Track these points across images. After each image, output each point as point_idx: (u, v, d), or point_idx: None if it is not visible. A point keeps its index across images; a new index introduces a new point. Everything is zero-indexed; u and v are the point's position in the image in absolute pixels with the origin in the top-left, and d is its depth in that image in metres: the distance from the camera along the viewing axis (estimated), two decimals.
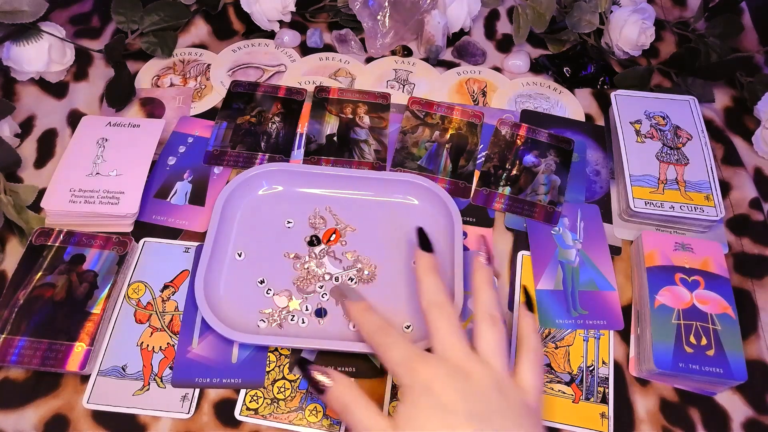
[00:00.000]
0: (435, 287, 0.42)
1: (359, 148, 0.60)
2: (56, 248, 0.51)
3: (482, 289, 0.42)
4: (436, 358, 0.38)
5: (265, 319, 0.48)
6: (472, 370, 0.37)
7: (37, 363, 0.45)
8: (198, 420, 0.45)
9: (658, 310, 0.48)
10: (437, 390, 0.35)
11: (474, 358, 0.38)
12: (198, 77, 0.66)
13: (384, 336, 0.40)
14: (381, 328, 0.41)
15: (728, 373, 0.45)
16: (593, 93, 0.67)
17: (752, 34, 0.71)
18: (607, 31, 0.68)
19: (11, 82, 0.64)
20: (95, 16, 0.71)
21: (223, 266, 0.51)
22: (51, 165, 0.58)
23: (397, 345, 0.39)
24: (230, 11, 0.72)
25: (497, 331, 0.39)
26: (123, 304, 0.50)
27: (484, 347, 0.39)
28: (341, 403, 0.38)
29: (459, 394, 0.35)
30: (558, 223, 0.55)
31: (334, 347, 0.46)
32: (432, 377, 0.36)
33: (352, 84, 0.66)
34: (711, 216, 0.53)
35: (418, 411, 0.35)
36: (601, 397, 0.47)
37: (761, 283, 0.53)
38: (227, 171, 0.58)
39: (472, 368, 0.37)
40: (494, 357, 0.38)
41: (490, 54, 0.70)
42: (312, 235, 0.53)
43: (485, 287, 0.42)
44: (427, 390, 0.36)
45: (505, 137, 0.61)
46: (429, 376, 0.36)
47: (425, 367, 0.37)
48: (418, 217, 0.54)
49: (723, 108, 0.67)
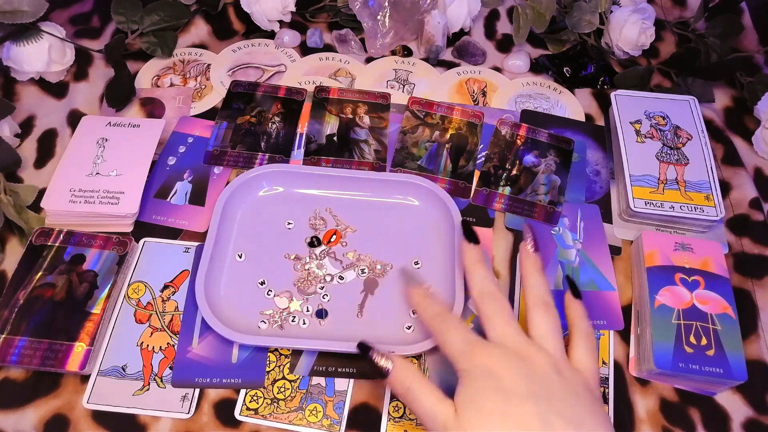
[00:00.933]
0: (485, 277, 0.42)
1: (359, 148, 0.60)
2: (56, 248, 0.51)
3: (532, 275, 0.42)
4: (493, 345, 0.38)
5: (266, 320, 0.48)
6: (530, 355, 0.37)
7: (37, 363, 0.45)
8: (198, 420, 0.45)
9: (658, 310, 0.48)
10: (497, 373, 0.36)
11: (530, 343, 0.38)
12: (198, 77, 0.66)
13: (442, 322, 0.40)
14: (440, 314, 0.41)
15: (728, 373, 0.45)
16: (593, 93, 0.67)
17: (752, 34, 0.71)
18: (607, 31, 0.68)
19: (11, 82, 0.64)
20: (95, 16, 0.71)
21: (223, 267, 0.51)
22: (51, 165, 0.58)
23: (456, 331, 0.39)
24: (230, 11, 0.72)
25: (550, 316, 0.40)
26: (123, 304, 0.50)
27: (538, 332, 0.39)
28: (404, 387, 0.38)
29: (518, 376, 0.35)
30: (558, 223, 0.55)
31: (335, 348, 0.46)
32: (491, 362, 0.36)
33: (352, 84, 0.66)
34: (711, 216, 0.53)
35: (479, 393, 0.35)
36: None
37: (761, 283, 0.53)
38: (227, 171, 0.58)
39: (530, 353, 0.37)
40: (549, 341, 0.38)
41: (490, 54, 0.70)
42: (312, 236, 0.53)
43: (535, 273, 0.42)
44: (488, 373, 0.36)
45: (505, 137, 0.61)
46: (488, 360, 0.36)
47: (484, 352, 0.37)
48: (419, 217, 0.54)
49: (723, 108, 0.67)
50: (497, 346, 0.38)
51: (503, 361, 0.36)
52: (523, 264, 0.43)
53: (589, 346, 0.40)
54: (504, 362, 0.36)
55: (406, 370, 0.38)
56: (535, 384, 0.35)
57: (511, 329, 0.39)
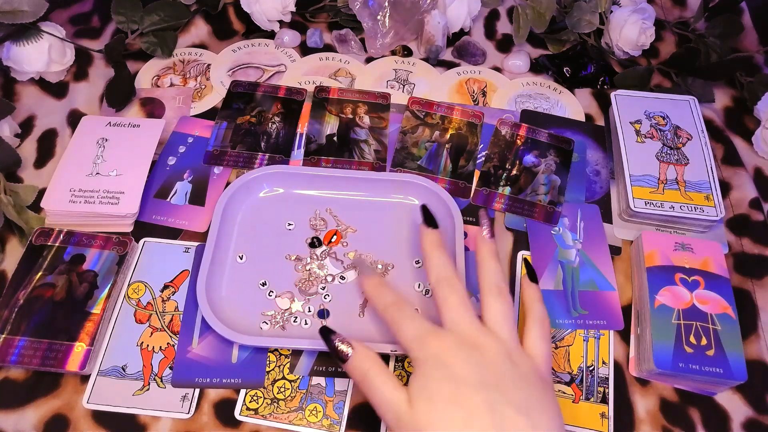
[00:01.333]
0: (443, 263, 0.42)
1: (359, 148, 0.60)
2: (56, 248, 0.51)
3: (487, 261, 0.42)
4: (446, 332, 0.38)
5: (268, 321, 0.48)
6: (482, 342, 0.37)
7: (37, 363, 0.45)
8: (198, 420, 0.45)
9: (658, 310, 0.48)
10: (448, 361, 0.36)
11: (483, 330, 0.38)
12: (198, 77, 0.66)
13: (397, 311, 0.40)
14: (394, 303, 0.41)
15: (728, 373, 0.45)
16: (593, 93, 0.67)
17: (752, 34, 0.71)
18: (607, 31, 0.68)
19: (11, 82, 0.64)
20: (95, 16, 0.71)
21: (224, 269, 0.51)
22: (51, 165, 0.58)
23: (410, 319, 0.39)
24: (230, 11, 0.72)
25: (504, 302, 0.40)
26: (123, 304, 0.50)
27: (492, 318, 0.39)
28: (361, 373, 0.38)
29: (470, 364, 0.36)
30: (558, 223, 0.55)
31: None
32: (443, 350, 0.37)
33: (352, 84, 0.66)
34: (711, 216, 0.53)
35: (431, 382, 0.36)
36: (601, 397, 0.47)
37: (761, 283, 0.53)
38: (227, 171, 0.58)
39: (482, 340, 0.37)
40: (503, 327, 0.39)
41: (490, 54, 0.70)
42: (313, 236, 0.53)
43: (490, 260, 0.42)
44: (439, 362, 0.36)
45: (505, 137, 0.61)
46: (440, 349, 0.37)
47: (436, 340, 0.37)
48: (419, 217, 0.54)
49: (723, 108, 0.67)
50: (450, 334, 0.38)
51: (455, 349, 0.37)
52: (478, 250, 0.43)
53: (542, 332, 0.40)
54: (456, 350, 0.37)
55: (366, 356, 0.39)
56: (485, 372, 0.36)
57: (465, 316, 0.39)
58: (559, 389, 0.47)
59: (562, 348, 0.49)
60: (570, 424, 0.46)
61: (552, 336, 0.50)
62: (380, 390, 0.37)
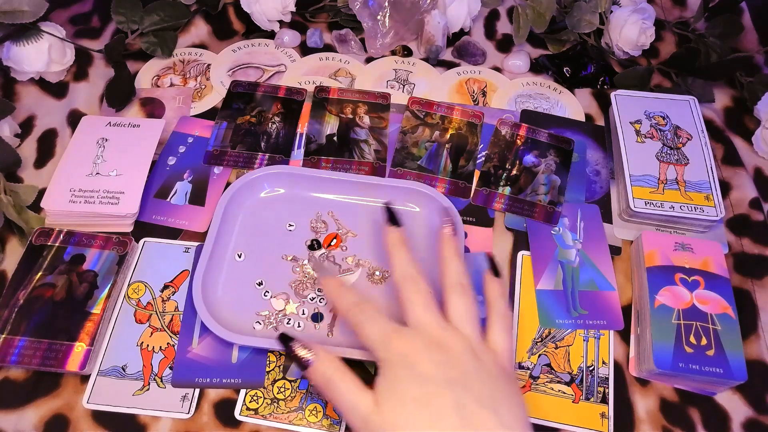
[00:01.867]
0: (406, 261, 0.42)
1: (359, 148, 0.60)
2: (56, 248, 0.51)
3: (450, 259, 0.42)
4: (410, 331, 0.38)
5: (262, 321, 0.48)
6: (447, 340, 0.37)
7: (37, 363, 0.45)
8: (198, 420, 0.45)
9: (658, 310, 0.48)
10: (414, 361, 0.36)
11: (447, 327, 0.38)
12: (198, 77, 0.66)
13: (360, 312, 0.40)
14: (357, 304, 0.41)
15: (728, 373, 0.45)
16: (593, 93, 0.67)
17: (752, 34, 0.71)
18: (607, 31, 0.68)
19: (11, 82, 0.64)
20: (95, 16, 0.71)
21: (222, 266, 0.51)
22: (51, 165, 0.58)
23: (373, 320, 0.39)
24: (230, 11, 0.72)
25: (467, 298, 0.40)
26: (123, 304, 0.50)
27: (455, 315, 0.39)
28: (324, 379, 0.38)
29: (435, 363, 0.36)
30: (558, 223, 0.55)
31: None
32: (408, 350, 0.37)
33: (352, 84, 0.66)
34: (711, 216, 0.53)
35: (397, 383, 0.36)
36: (601, 397, 0.47)
37: (761, 283, 0.53)
38: (227, 171, 0.58)
39: (446, 337, 0.38)
40: (466, 324, 0.39)
41: (490, 54, 0.70)
42: (313, 239, 0.53)
43: (453, 257, 0.42)
44: (404, 362, 0.36)
45: (505, 137, 0.61)
46: (405, 348, 0.37)
47: (401, 340, 0.37)
48: (420, 224, 0.54)
49: (723, 108, 0.67)
50: (415, 333, 0.38)
51: (420, 348, 0.37)
52: (442, 248, 0.43)
53: (505, 327, 0.40)
54: (421, 349, 0.37)
55: (329, 362, 0.38)
56: (451, 370, 0.36)
57: (429, 314, 0.39)
58: (559, 389, 0.47)
59: (562, 348, 0.49)
60: (570, 424, 0.46)
61: (552, 336, 0.50)
62: (345, 393, 0.37)
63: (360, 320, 0.40)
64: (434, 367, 0.36)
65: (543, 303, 0.51)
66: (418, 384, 0.35)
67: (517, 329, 0.50)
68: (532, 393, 0.47)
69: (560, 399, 0.47)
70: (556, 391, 0.47)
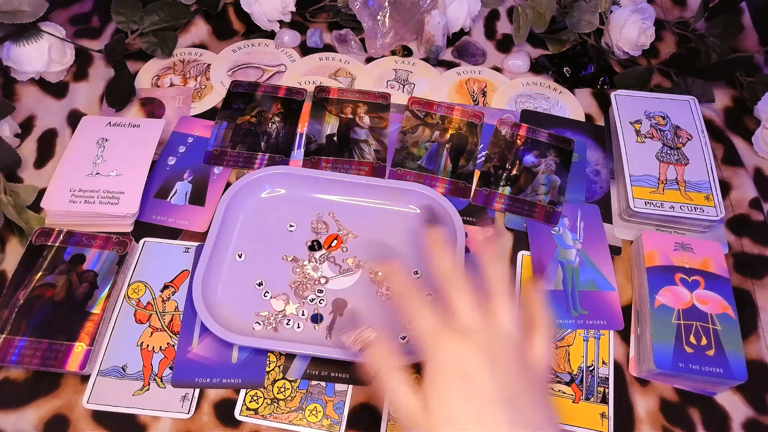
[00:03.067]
0: (449, 260, 0.41)
1: (359, 148, 0.60)
2: (56, 248, 0.51)
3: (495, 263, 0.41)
4: (463, 335, 0.37)
5: (261, 321, 0.48)
6: (497, 348, 0.37)
7: (37, 363, 0.45)
8: (198, 420, 0.45)
9: (658, 310, 0.48)
10: (468, 372, 0.35)
11: (498, 335, 0.37)
12: (198, 77, 0.66)
13: (414, 299, 0.39)
14: (412, 289, 0.40)
15: (728, 373, 0.45)
16: (593, 93, 0.67)
17: (752, 34, 0.71)
18: (607, 31, 0.68)
19: (11, 82, 0.64)
20: (95, 16, 0.71)
21: (222, 266, 0.51)
22: (51, 165, 0.58)
23: (428, 312, 0.38)
24: (230, 11, 0.72)
25: (513, 305, 0.39)
26: (123, 304, 0.50)
27: (503, 321, 0.38)
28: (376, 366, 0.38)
29: (489, 376, 0.35)
30: (558, 223, 0.55)
31: (327, 355, 0.45)
32: (461, 356, 0.36)
33: (352, 84, 0.66)
34: (711, 216, 0.53)
35: (450, 393, 0.35)
36: (601, 397, 0.47)
37: (761, 283, 0.53)
38: (227, 171, 0.58)
39: (497, 346, 0.37)
40: (515, 331, 0.38)
41: (490, 54, 0.70)
42: (313, 240, 0.53)
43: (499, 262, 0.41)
44: (458, 370, 0.35)
45: (505, 137, 0.61)
46: (458, 354, 0.36)
47: (454, 341, 0.37)
48: (422, 219, 0.54)
49: (723, 108, 0.67)
50: (467, 338, 0.37)
51: (473, 358, 0.36)
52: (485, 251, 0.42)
53: (548, 337, 0.39)
54: (474, 358, 0.36)
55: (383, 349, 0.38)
56: (503, 386, 0.35)
57: (478, 317, 0.38)
58: (559, 389, 0.47)
59: (562, 348, 0.49)
60: (570, 424, 0.46)
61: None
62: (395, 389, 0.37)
63: (415, 307, 0.39)
64: (488, 382, 0.35)
65: None
66: (472, 399, 0.35)
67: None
68: None
69: (560, 399, 0.47)
70: (556, 391, 0.47)
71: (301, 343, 0.47)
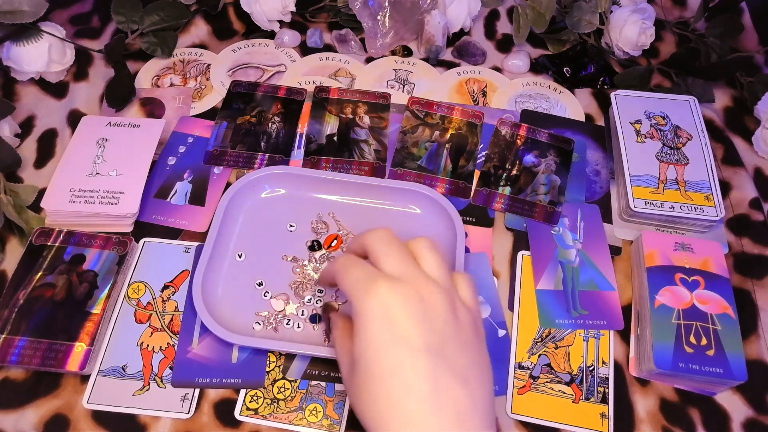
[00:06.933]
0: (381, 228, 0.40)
1: (359, 148, 0.60)
2: (56, 248, 0.51)
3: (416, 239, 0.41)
4: (391, 279, 0.36)
5: (261, 321, 0.48)
6: (428, 293, 0.36)
7: (37, 363, 0.45)
8: (198, 420, 0.45)
9: (658, 310, 0.48)
10: (395, 316, 0.35)
11: (428, 280, 0.37)
12: (198, 77, 0.66)
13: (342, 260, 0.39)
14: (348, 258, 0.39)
15: (728, 373, 0.45)
16: (593, 93, 0.67)
17: (752, 34, 0.71)
18: (607, 31, 0.68)
19: (11, 82, 0.64)
20: (95, 16, 0.71)
21: (222, 266, 0.51)
22: (51, 165, 0.58)
23: (358, 266, 0.38)
24: (230, 11, 0.72)
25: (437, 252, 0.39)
26: (123, 304, 0.50)
27: (430, 268, 0.38)
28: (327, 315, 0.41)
29: (414, 322, 0.35)
30: (558, 223, 0.55)
31: (327, 355, 0.45)
32: (390, 300, 0.35)
33: (352, 84, 0.66)
34: (711, 216, 0.53)
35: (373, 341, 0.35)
36: (601, 397, 0.47)
37: (761, 283, 0.53)
38: (227, 171, 0.58)
39: (427, 291, 0.36)
40: (443, 276, 0.38)
41: (490, 54, 0.70)
42: (314, 240, 0.53)
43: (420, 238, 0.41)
44: (384, 318, 0.35)
45: (505, 137, 0.61)
46: (387, 298, 0.35)
47: (384, 285, 0.36)
48: (421, 226, 0.54)
49: (723, 108, 0.67)
50: (395, 284, 0.36)
51: (402, 301, 0.35)
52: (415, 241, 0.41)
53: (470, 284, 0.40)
54: (401, 304, 0.35)
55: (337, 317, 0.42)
56: (430, 333, 0.35)
57: (408, 265, 0.37)
58: (559, 389, 0.47)
59: (562, 348, 0.49)
60: (570, 424, 0.46)
61: (552, 336, 0.50)
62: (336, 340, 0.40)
63: (344, 267, 0.38)
64: (414, 327, 0.34)
65: (543, 303, 0.51)
66: (394, 346, 0.34)
67: (517, 329, 0.50)
68: (532, 393, 0.47)
69: (560, 399, 0.47)
70: (556, 391, 0.47)
71: (301, 343, 0.47)
